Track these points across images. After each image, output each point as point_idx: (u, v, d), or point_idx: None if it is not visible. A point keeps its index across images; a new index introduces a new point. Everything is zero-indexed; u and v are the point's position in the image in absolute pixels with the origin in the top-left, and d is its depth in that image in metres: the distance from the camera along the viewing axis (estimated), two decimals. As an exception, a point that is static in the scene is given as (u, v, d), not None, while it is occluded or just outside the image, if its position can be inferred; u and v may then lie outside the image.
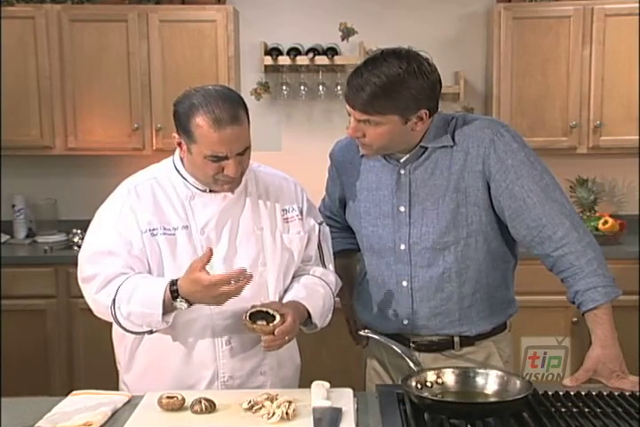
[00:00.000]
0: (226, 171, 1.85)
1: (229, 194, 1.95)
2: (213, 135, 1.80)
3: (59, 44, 3.90)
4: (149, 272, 1.92)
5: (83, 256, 1.96)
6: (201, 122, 1.80)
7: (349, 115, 1.91)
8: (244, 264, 1.90)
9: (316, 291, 2.01)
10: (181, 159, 1.96)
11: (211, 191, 1.94)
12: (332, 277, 2.10)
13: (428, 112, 1.90)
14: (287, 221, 2.02)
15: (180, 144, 1.89)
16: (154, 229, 1.90)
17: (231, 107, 1.82)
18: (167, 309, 1.83)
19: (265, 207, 2.00)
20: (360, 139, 1.93)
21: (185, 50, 3.91)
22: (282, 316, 1.84)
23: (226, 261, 1.92)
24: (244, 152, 1.86)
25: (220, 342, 1.93)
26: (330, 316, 2.05)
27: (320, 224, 2.08)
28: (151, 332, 1.90)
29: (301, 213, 2.04)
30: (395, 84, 1.83)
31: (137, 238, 1.90)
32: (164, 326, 1.87)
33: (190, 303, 1.83)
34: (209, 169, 1.86)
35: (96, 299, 1.91)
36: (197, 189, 1.94)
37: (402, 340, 2.01)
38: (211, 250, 1.79)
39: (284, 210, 2.02)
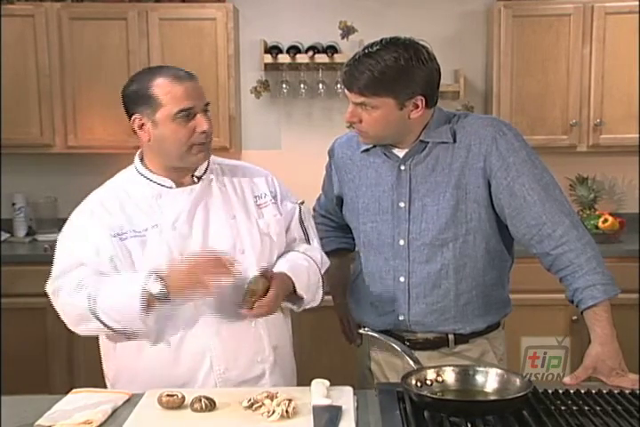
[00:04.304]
0: (198, 128, 1.88)
1: (196, 187, 1.96)
2: (178, 89, 1.85)
3: (58, 42, 3.90)
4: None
5: (53, 272, 1.94)
6: (161, 81, 1.86)
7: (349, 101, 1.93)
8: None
9: (299, 264, 2.01)
10: (141, 160, 1.97)
11: (178, 187, 1.94)
12: (316, 253, 2.09)
13: (424, 99, 1.91)
14: (260, 207, 2.03)
15: (141, 126, 1.89)
16: (123, 233, 1.90)
17: (180, 68, 1.91)
18: (145, 300, 1.80)
19: (235, 196, 2.01)
20: (357, 124, 1.94)
21: (185, 48, 3.91)
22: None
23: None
24: (207, 109, 1.91)
25: (209, 332, 1.91)
26: (319, 293, 2.04)
27: (300, 204, 2.10)
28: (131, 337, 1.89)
29: (274, 197, 2.05)
30: (391, 68, 1.86)
31: (106, 244, 1.89)
32: (143, 327, 1.84)
33: (167, 296, 1.79)
34: (181, 134, 1.87)
35: (72, 302, 1.87)
36: (163, 186, 1.95)
37: (396, 338, 1.99)
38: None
39: (255, 196, 2.04)
